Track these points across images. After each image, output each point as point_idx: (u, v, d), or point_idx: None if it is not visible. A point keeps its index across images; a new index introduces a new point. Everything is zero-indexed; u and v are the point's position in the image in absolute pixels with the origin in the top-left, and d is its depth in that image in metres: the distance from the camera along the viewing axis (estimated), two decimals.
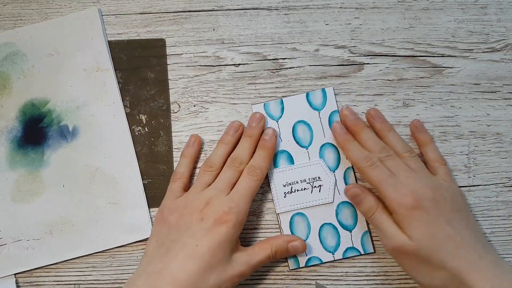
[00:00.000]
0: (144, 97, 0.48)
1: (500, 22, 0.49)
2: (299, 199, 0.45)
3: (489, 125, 0.47)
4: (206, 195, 0.42)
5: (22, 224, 0.45)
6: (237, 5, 0.49)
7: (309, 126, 0.46)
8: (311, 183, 0.45)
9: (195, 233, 0.39)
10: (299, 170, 0.45)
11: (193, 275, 0.38)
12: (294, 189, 0.45)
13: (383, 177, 0.41)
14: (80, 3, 0.49)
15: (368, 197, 0.42)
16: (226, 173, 0.43)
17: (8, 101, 0.47)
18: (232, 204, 0.40)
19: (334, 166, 0.46)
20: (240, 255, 0.41)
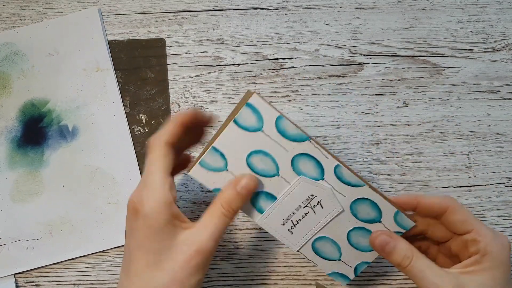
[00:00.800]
0: (144, 97, 0.48)
1: (500, 22, 0.49)
2: (307, 227, 0.38)
3: (489, 125, 0.47)
4: None
5: (21, 224, 0.45)
6: (237, 5, 0.49)
7: (262, 152, 0.36)
8: (308, 205, 0.38)
9: (127, 236, 0.35)
10: (286, 200, 0.37)
11: (137, 283, 0.32)
12: (295, 221, 0.38)
13: (472, 215, 0.37)
14: (80, 3, 0.49)
15: (400, 243, 0.36)
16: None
17: (8, 101, 0.47)
18: (141, 195, 0.34)
19: (319, 173, 0.37)
20: (187, 233, 0.34)
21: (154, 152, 0.35)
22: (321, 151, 0.36)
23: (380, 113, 0.47)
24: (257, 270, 0.45)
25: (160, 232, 0.33)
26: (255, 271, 0.45)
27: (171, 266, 0.32)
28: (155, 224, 0.33)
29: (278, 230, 0.39)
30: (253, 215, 0.38)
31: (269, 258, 0.45)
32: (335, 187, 0.37)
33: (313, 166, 0.37)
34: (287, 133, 0.36)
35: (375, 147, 0.47)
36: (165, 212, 0.33)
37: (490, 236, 0.35)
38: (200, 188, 0.46)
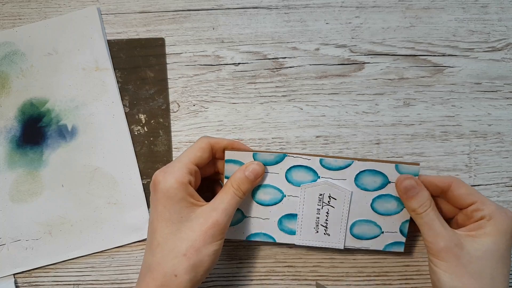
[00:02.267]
0: (144, 96, 0.48)
1: (501, 21, 0.49)
2: (336, 222, 0.41)
3: (490, 125, 0.47)
4: None
5: (21, 224, 0.45)
6: (237, 4, 0.49)
7: (261, 186, 0.42)
8: (324, 204, 0.41)
9: (150, 212, 0.39)
10: (305, 211, 0.41)
11: (158, 253, 0.36)
12: (323, 223, 0.42)
13: (475, 189, 0.40)
14: (79, 2, 0.49)
15: (423, 191, 0.39)
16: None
17: (7, 100, 0.47)
18: (163, 171, 0.38)
19: (312, 174, 0.41)
20: (204, 208, 0.38)
21: (193, 145, 0.40)
22: (301, 157, 0.41)
23: (381, 112, 0.47)
24: (257, 270, 0.45)
25: (177, 205, 0.37)
26: (255, 271, 0.45)
27: (189, 236, 0.36)
28: (172, 197, 0.37)
29: (316, 238, 0.42)
30: (289, 239, 0.42)
31: (269, 258, 0.45)
32: (332, 177, 0.41)
33: (304, 172, 0.41)
34: (268, 161, 0.41)
35: (376, 147, 0.47)
36: (181, 189, 0.37)
37: (494, 206, 0.38)
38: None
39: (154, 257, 0.37)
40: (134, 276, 0.45)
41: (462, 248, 0.37)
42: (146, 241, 0.39)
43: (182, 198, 0.37)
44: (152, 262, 0.37)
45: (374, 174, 0.41)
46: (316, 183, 0.41)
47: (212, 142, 0.41)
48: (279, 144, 0.47)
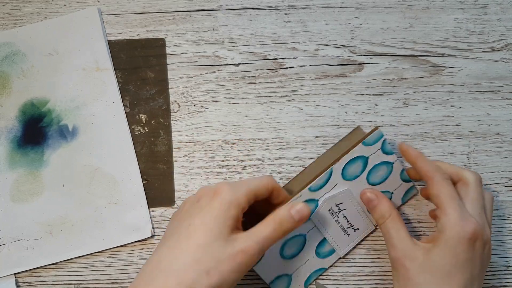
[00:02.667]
0: (144, 96, 0.48)
1: (500, 21, 0.49)
2: (356, 216, 0.44)
3: (489, 125, 0.47)
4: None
5: (21, 224, 0.45)
6: (237, 4, 0.49)
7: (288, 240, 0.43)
8: (336, 212, 0.43)
9: (191, 214, 0.37)
10: (327, 229, 0.43)
11: (183, 259, 0.34)
12: (347, 225, 0.44)
13: (453, 196, 0.38)
14: (79, 3, 0.49)
15: (382, 203, 0.41)
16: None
17: (7, 100, 0.47)
18: (228, 184, 0.38)
19: (313, 204, 0.42)
20: (242, 234, 0.36)
21: (261, 179, 0.39)
22: (295, 199, 0.41)
23: (380, 112, 0.47)
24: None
25: (225, 220, 0.36)
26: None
27: (218, 256, 0.35)
28: (225, 210, 0.36)
29: (352, 239, 0.44)
30: (334, 258, 0.44)
31: None
32: (326, 191, 0.43)
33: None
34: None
35: None
36: (236, 209, 0.36)
37: (452, 217, 0.37)
38: None
39: (176, 261, 0.35)
40: (134, 276, 0.45)
41: (413, 260, 0.37)
42: (166, 234, 0.38)
43: (232, 217, 0.36)
44: (171, 265, 0.34)
45: (353, 162, 0.43)
46: (320, 207, 0.43)
47: (275, 187, 0.39)
48: (279, 144, 0.47)
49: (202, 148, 0.47)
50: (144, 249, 0.45)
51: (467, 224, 0.36)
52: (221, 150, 0.47)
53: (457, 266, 0.36)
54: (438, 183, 0.39)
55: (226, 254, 0.35)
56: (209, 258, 0.34)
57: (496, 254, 0.45)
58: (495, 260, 0.45)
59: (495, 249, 0.45)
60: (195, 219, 0.36)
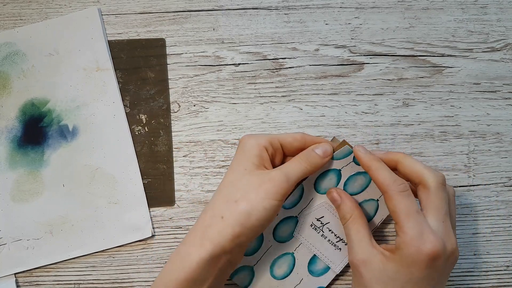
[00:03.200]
0: (144, 96, 0.48)
1: (500, 21, 0.49)
2: (339, 227, 0.42)
3: (489, 125, 0.47)
4: None
5: (22, 224, 0.45)
6: (237, 4, 0.49)
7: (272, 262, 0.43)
8: (320, 226, 0.42)
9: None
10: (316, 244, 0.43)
11: (215, 198, 0.38)
12: (335, 238, 0.42)
13: (411, 211, 0.36)
14: (80, 3, 0.49)
15: (343, 203, 0.40)
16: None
17: (8, 100, 0.47)
18: (251, 134, 0.41)
19: (292, 221, 0.42)
20: (270, 169, 0.39)
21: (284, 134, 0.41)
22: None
23: (380, 112, 0.48)
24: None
25: (247, 159, 0.38)
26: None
27: (245, 187, 0.37)
28: (246, 151, 0.39)
29: (344, 253, 0.42)
30: (331, 274, 0.43)
31: None
32: (302, 207, 0.42)
33: (284, 226, 0.43)
34: (251, 248, 0.43)
35: (375, 147, 0.47)
36: (257, 148, 0.39)
37: (410, 235, 0.35)
38: (200, 188, 0.46)
39: (210, 201, 0.38)
40: (134, 276, 0.45)
41: (367, 266, 0.37)
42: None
43: (255, 155, 0.38)
44: (207, 206, 0.38)
45: (324, 176, 0.42)
46: (299, 223, 0.42)
47: (307, 138, 0.41)
48: None
49: (202, 148, 0.47)
50: (144, 249, 0.45)
51: (424, 245, 0.35)
52: (221, 150, 0.47)
53: (410, 283, 0.35)
54: (393, 197, 0.36)
55: (253, 184, 0.37)
56: (236, 190, 0.37)
57: (496, 254, 0.45)
58: (495, 260, 0.45)
59: (495, 249, 0.45)
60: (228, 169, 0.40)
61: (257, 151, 0.39)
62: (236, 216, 0.36)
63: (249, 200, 0.36)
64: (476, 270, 0.45)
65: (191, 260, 0.36)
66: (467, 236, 0.46)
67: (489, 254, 0.45)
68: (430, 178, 0.37)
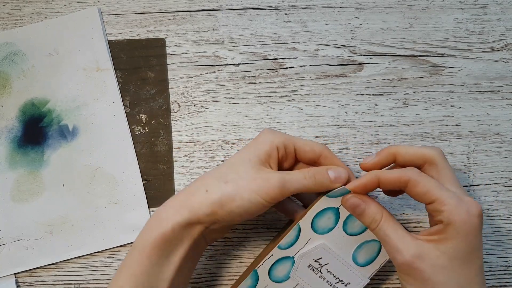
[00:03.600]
0: (144, 96, 0.48)
1: (500, 21, 0.49)
2: (341, 270, 0.40)
3: (489, 125, 0.47)
4: None
5: (22, 224, 0.45)
6: (237, 5, 0.49)
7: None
8: (318, 268, 0.40)
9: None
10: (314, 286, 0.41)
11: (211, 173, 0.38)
12: (335, 280, 0.40)
13: (439, 184, 0.35)
14: (80, 3, 0.49)
15: (371, 205, 0.37)
16: None
17: (8, 100, 0.47)
18: (271, 129, 0.41)
19: (289, 261, 0.40)
20: (272, 170, 0.39)
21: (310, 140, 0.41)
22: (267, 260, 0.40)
23: (380, 112, 0.48)
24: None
25: (255, 150, 0.39)
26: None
27: (241, 174, 0.37)
28: (258, 144, 0.39)
29: None
30: None
31: None
32: (300, 247, 0.40)
33: (279, 266, 0.40)
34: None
35: (375, 147, 0.47)
36: (269, 145, 0.39)
37: (453, 204, 0.34)
38: None
39: (205, 174, 0.39)
40: None
41: (423, 259, 0.34)
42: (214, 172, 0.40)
43: (264, 151, 0.38)
44: (199, 177, 0.39)
45: (322, 214, 0.39)
46: (296, 264, 0.40)
47: (327, 155, 0.40)
48: None
49: (202, 148, 0.47)
50: None
51: (471, 208, 0.34)
52: (221, 150, 0.47)
53: (473, 252, 0.34)
54: (419, 180, 0.35)
55: (248, 174, 0.37)
56: (231, 172, 0.38)
57: (496, 254, 0.45)
58: (495, 260, 0.45)
59: (495, 249, 0.45)
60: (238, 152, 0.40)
61: (268, 148, 0.39)
62: (219, 194, 0.36)
63: (238, 186, 0.37)
64: None
65: (167, 222, 0.37)
66: None
67: (489, 254, 0.45)
68: (433, 154, 0.37)
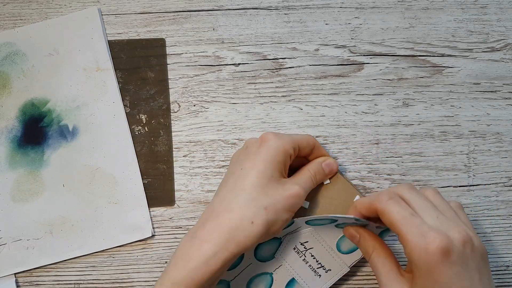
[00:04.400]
0: (144, 96, 0.48)
1: (500, 21, 0.49)
2: (326, 254, 0.42)
3: (489, 125, 0.47)
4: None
5: (22, 224, 0.45)
6: (237, 5, 0.49)
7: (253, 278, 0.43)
8: (303, 251, 0.42)
9: (242, 160, 0.40)
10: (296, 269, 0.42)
11: (242, 197, 0.37)
12: (316, 265, 0.42)
13: (405, 215, 0.34)
14: (80, 3, 0.49)
15: (363, 238, 0.39)
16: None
17: (8, 100, 0.47)
18: (274, 133, 0.40)
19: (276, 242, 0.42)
20: (289, 180, 0.40)
21: (302, 134, 0.42)
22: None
23: (380, 112, 0.48)
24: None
25: (275, 165, 0.39)
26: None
27: (274, 195, 0.38)
28: (274, 156, 0.39)
29: (324, 280, 0.42)
30: None
31: None
32: (290, 232, 0.42)
33: (267, 245, 0.42)
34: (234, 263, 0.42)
35: (375, 147, 0.47)
36: (284, 155, 0.39)
37: (412, 241, 0.33)
38: (200, 188, 0.46)
39: (236, 199, 0.37)
40: (134, 276, 0.45)
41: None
42: (223, 180, 0.40)
43: (280, 162, 0.39)
44: (232, 203, 0.37)
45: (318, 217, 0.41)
46: (283, 245, 0.42)
47: (316, 145, 0.42)
48: None
49: (202, 148, 0.47)
50: (144, 249, 0.45)
51: (430, 244, 0.32)
52: (221, 150, 0.47)
53: (439, 285, 0.33)
54: (384, 209, 0.35)
55: (279, 195, 0.38)
56: (265, 197, 0.37)
57: (496, 254, 0.45)
58: (495, 260, 0.45)
59: (495, 249, 0.45)
60: (245, 163, 0.39)
61: (283, 157, 0.39)
62: (265, 224, 0.37)
63: (276, 210, 0.37)
64: None
65: (216, 260, 0.36)
66: None
67: (489, 254, 0.45)
68: (398, 188, 0.37)
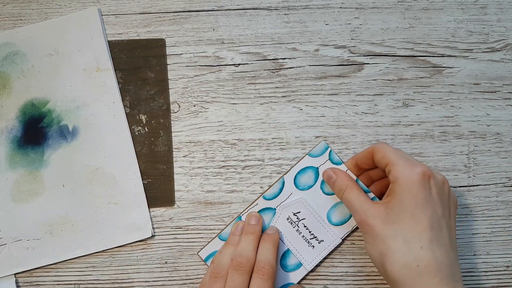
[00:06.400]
0: (144, 97, 0.48)
1: (500, 22, 0.49)
2: (317, 225, 0.44)
3: (489, 125, 0.47)
4: None
5: (22, 224, 0.45)
6: (237, 5, 0.49)
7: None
8: (296, 222, 0.44)
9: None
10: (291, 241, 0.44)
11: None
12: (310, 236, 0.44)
13: (398, 151, 0.40)
14: (80, 3, 0.49)
15: (339, 177, 0.42)
16: (235, 279, 0.40)
17: (8, 101, 0.47)
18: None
19: (271, 212, 0.45)
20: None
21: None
22: (251, 208, 0.45)
23: (380, 113, 0.48)
24: None
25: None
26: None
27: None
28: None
29: (318, 252, 0.44)
30: (302, 272, 0.44)
31: None
32: (282, 200, 0.45)
33: (263, 215, 0.45)
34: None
35: None
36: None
37: (401, 165, 0.38)
38: (200, 188, 0.46)
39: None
40: (134, 276, 0.45)
41: (375, 217, 0.38)
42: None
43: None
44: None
45: (303, 172, 0.45)
46: (277, 215, 0.44)
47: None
48: (279, 144, 0.47)
49: (202, 148, 0.47)
50: (144, 249, 0.45)
51: (415, 166, 0.38)
52: (221, 150, 0.47)
53: (417, 207, 0.37)
54: (381, 147, 0.40)
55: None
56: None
57: (496, 254, 0.45)
58: (495, 260, 0.45)
59: (495, 249, 0.45)
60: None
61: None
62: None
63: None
64: (476, 271, 0.45)
65: None
66: (467, 236, 0.46)
67: (488, 254, 0.45)
68: (375, 146, 0.42)
